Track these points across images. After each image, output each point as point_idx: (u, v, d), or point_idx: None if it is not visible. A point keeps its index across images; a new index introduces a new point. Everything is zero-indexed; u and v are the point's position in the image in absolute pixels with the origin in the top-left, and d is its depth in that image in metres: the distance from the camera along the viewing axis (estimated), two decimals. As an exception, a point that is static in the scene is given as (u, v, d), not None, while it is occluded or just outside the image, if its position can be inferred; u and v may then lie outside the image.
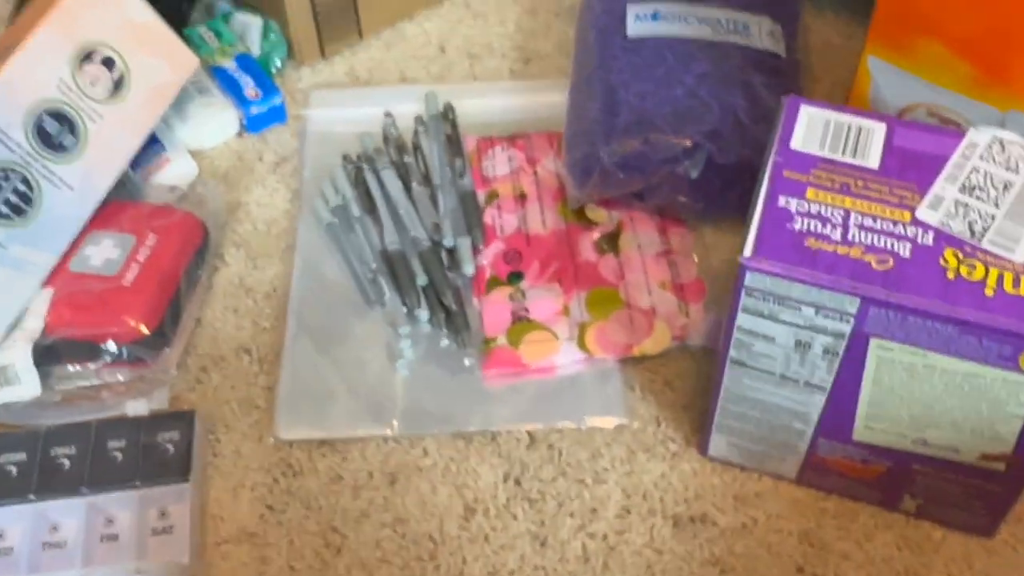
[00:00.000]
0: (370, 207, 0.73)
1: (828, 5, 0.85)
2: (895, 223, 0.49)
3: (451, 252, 0.70)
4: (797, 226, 0.49)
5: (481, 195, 0.73)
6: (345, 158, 0.76)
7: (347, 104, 0.80)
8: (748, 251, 0.48)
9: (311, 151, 0.77)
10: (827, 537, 0.59)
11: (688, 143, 0.68)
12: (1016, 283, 0.47)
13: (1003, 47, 0.51)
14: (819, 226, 0.49)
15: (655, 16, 0.74)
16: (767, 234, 0.49)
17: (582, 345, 0.66)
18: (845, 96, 0.79)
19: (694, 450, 0.62)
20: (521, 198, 0.73)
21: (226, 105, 0.78)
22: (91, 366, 0.64)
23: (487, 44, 0.85)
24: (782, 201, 0.50)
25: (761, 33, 0.74)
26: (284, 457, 0.63)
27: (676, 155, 0.68)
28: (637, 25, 0.74)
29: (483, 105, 0.79)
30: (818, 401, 0.54)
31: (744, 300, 0.50)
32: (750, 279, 0.49)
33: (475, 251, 0.70)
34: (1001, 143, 0.51)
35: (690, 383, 0.65)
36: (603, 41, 0.73)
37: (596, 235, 0.71)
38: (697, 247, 0.71)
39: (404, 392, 0.65)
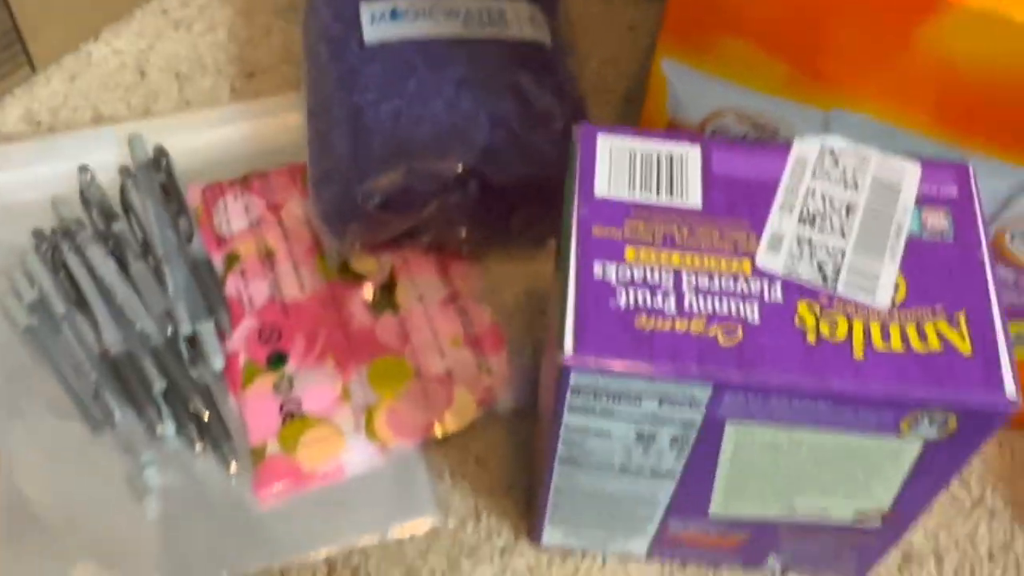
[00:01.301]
0: (78, 298, 0.58)
1: (583, -31, 0.75)
2: (735, 278, 0.40)
3: (191, 342, 0.56)
4: (622, 302, 0.39)
5: (218, 260, 0.59)
6: (37, 236, 0.60)
7: (30, 161, 0.64)
8: (568, 346, 0.38)
9: (-9, 231, 0.61)
10: (691, 618, 0.51)
11: (458, 167, 0.57)
12: (885, 335, 0.39)
13: (820, 42, 0.43)
14: (648, 298, 0.39)
15: (394, 14, 0.62)
16: (588, 319, 0.39)
17: (372, 435, 0.54)
18: (619, 75, 0.71)
19: (525, 541, 0.52)
20: (269, 257, 0.60)
21: None
22: None
23: (197, 60, 0.70)
24: (598, 270, 0.40)
25: (520, 20, 0.63)
26: (12, 660, 0.48)
27: (446, 183, 0.57)
28: (374, 28, 0.61)
29: (203, 140, 0.65)
30: (667, 487, 0.45)
31: (570, 400, 0.40)
32: (576, 380, 0.39)
33: (221, 336, 0.57)
34: (832, 154, 0.43)
35: (506, 456, 0.55)
36: (337, 53, 0.60)
37: (367, 291, 0.59)
38: (485, 285, 0.60)
39: (160, 537, 0.51)
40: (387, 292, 0.59)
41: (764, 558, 0.51)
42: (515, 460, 0.55)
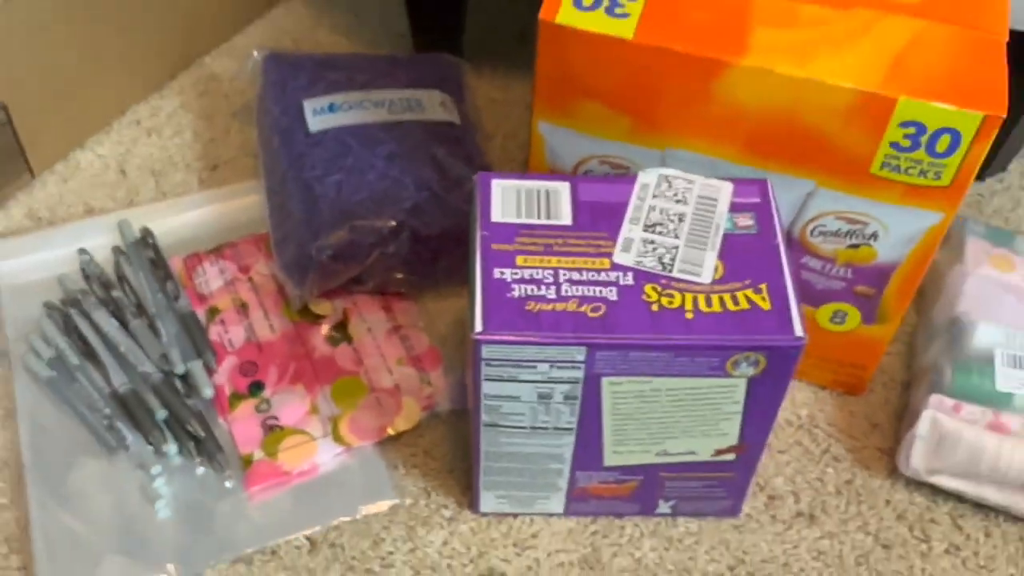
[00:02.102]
0: (88, 352, 0.70)
1: (485, 65, 0.91)
2: (598, 271, 0.54)
3: (185, 379, 0.69)
4: (516, 293, 0.53)
5: (201, 314, 0.73)
6: (48, 306, 0.73)
7: (36, 249, 0.77)
8: (478, 327, 0.52)
9: (9, 308, 0.73)
10: (603, 556, 0.64)
11: (392, 223, 0.71)
12: (708, 303, 0.53)
13: (651, 100, 0.58)
14: (535, 289, 0.54)
15: (331, 107, 0.77)
16: (491, 307, 0.53)
17: (338, 438, 0.67)
18: (518, 146, 0.86)
19: (467, 510, 0.65)
20: (243, 308, 0.73)
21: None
22: None
23: (168, 159, 0.84)
24: (497, 273, 0.54)
25: (434, 106, 0.78)
26: (59, 635, 0.60)
27: (383, 237, 0.71)
28: (316, 119, 0.76)
29: (180, 222, 0.79)
30: (568, 441, 0.58)
31: (485, 371, 0.54)
32: (486, 352, 0.53)
33: (209, 372, 0.70)
34: (668, 180, 0.58)
35: (447, 448, 0.68)
36: (287, 141, 0.75)
37: (325, 328, 0.72)
38: (423, 317, 0.74)
39: (172, 532, 0.63)
40: (342, 328, 0.73)
41: (655, 503, 0.64)
42: (455, 450, 0.68)
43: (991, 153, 0.83)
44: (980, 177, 0.85)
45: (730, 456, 0.60)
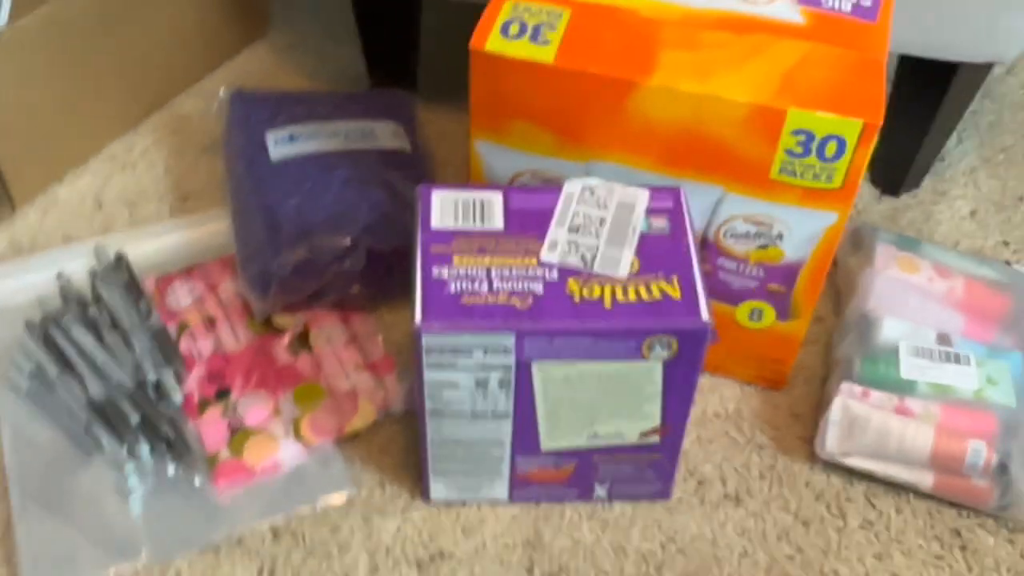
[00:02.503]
0: (66, 365, 0.76)
1: (437, 99, 0.98)
2: (526, 268, 0.61)
3: (157, 387, 0.75)
4: (452, 289, 0.59)
5: (172, 328, 0.78)
6: (28, 324, 0.78)
7: (16, 275, 0.82)
8: (418, 319, 0.58)
9: (-8, 327, 0.79)
10: (545, 539, 0.69)
11: (347, 241, 0.77)
12: (625, 294, 0.60)
13: (573, 117, 0.65)
14: (469, 285, 0.60)
15: (291, 138, 0.83)
16: (430, 301, 0.59)
17: (299, 437, 0.72)
18: (468, 175, 0.92)
19: (419, 499, 0.71)
20: (210, 322, 0.79)
21: None
22: None
23: (142, 191, 0.90)
24: (435, 272, 0.60)
25: (387, 135, 0.85)
26: (40, 620, 0.65)
27: (340, 253, 0.77)
28: (277, 149, 0.82)
29: (153, 247, 0.84)
30: (506, 427, 0.64)
31: (426, 359, 0.60)
32: (426, 341, 0.59)
33: (179, 380, 0.75)
34: (591, 189, 0.65)
35: (400, 444, 0.74)
36: (251, 169, 0.81)
37: (287, 340, 0.78)
38: (379, 328, 0.80)
39: (144, 525, 0.68)
40: (303, 339, 0.78)
41: (592, 488, 0.70)
42: (408, 446, 0.74)
43: (904, 170, 0.91)
44: (895, 193, 0.92)
45: (655, 438, 0.66)
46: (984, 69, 0.84)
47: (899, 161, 0.90)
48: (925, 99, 0.86)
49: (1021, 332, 0.76)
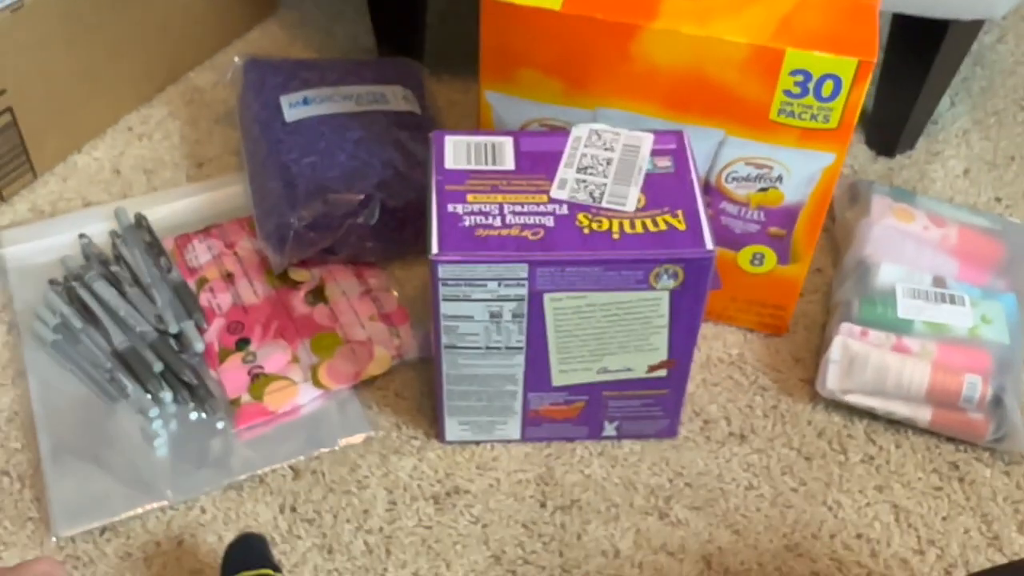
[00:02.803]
0: (90, 318, 0.78)
1: (444, 71, 1.01)
2: (537, 204, 0.63)
3: (178, 337, 0.77)
4: (466, 223, 0.62)
5: (191, 284, 0.81)
6: (52, 282, 0.81)
7: (40, 236, 0.85)
8: (435, 249, 0.61)
9: (17, 287, 0.81)
10: (557, 474, 0.71)
11: (361, 196, 0.80)
12: (632, 226, 0.62)
13: (580, 64, 0.68)
14: (483, 219, 0.62)
15: (305, 101, 0.86)
16: (445, 234, 0.61)
17: (317, 383, 0.75)
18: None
19: (435, 440, 0.73)
20: (229, 277, 0.81)
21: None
22: None
23: (159, 159, 0.93)
24: (450, 208, 0.63)
25: (397, 98, 0.88)
26: (71, 553, 0.67)
27: (354, 208, 0.80)
28: (292, 111, 0.85)
29: (171, 209, 0.87)
30: (519, 361, 0.67)
31: (442, 290, 0.62)
32: (442, 271, 0.61)
33: (200, 331, 0.77)
34: (597, 133, 0.67)
35: (416, 389, 0.76)
36: (267, 130, 0.84)
37: (303, 292, 0.81)
38: (392, 282, 0.82)
39: (169, 466, 0.71)
40: (319, 292, 0.81)
41: (601, 425, 0.72)
42: (423, 391, 0.76)
43: (899, 131, 0.93)
44: (890, 154, 0.95)
45: (662, 372, 0.68)
46: (974, 28, 0.86)
47: (893, 122, 0.93)
48: (917, 60, 0.88)
49: (1014, 276, 0.79)
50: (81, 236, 0.84)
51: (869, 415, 0.75)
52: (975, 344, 0.73)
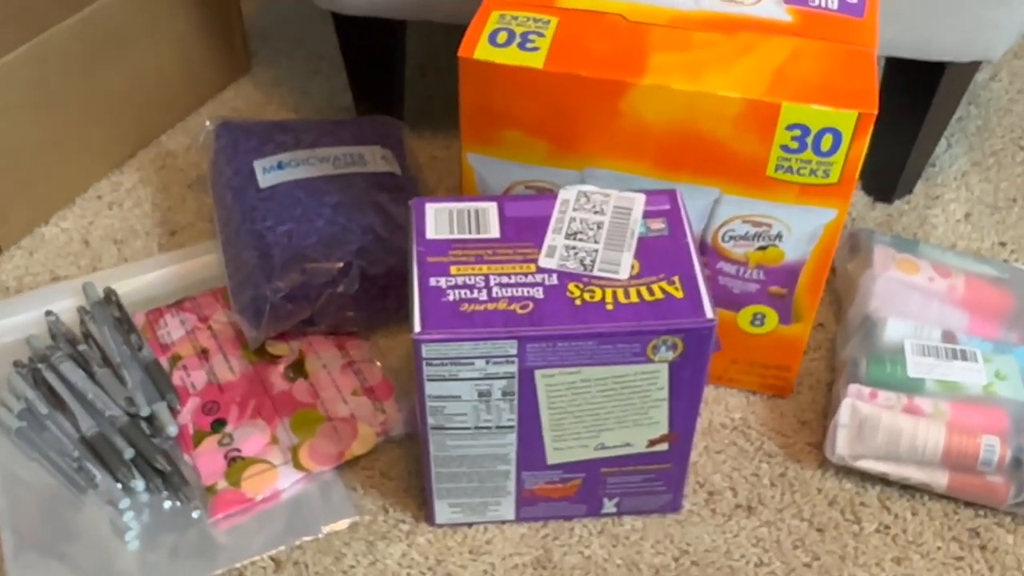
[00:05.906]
0: (57, 402, 0.74)
1: (425, 127, 0.97)
2: (525, 275, 0.60)
3: (150, 420, 0.73)
4: (451, 298, 0.58)
5: (164, 361, 0.77)
6: (17, 364, 0.76)
7: (5, 314, 0.81)
8: (417, 328, 0.57)
9: (-21, 368, 0.77)
10: (554, 557, 0.67)
11: (340, 265, 0.76)
12: (626, 295, 0.59)
13: (566, 124, 0.64)
14: (468, 293, 0.58)
15: (280, 165, 0.82)
16: (428, 311, 0.58)
17: (298, 465, 0.71)
18: (458, 193, 0.92)
19: (424, 523, 0.69)
20: (203, 354, 0.77)
21: None
22: None
23: (130, 228, 0.89)
24: (432, 282, 0.59)
25: (375, 159, 0.84)
26: (35, 662, 0.62)
27: (333, 277, 0.76)
28: (266, 176, 0.81)
29: (143, 281, 0.83)
30: (511, 440, 0.63)
31: (426, 370, 0.58)
32: (426, 351, 0.57)
33: (173, 413, 0.73)
34: (586, 194, 0.64)
35: (403, 468, 0.72)
36: (240, 198, 0.80)
37: (282, 367, 0.76)
38: (375, 353, 0.78)
39: (141, 561, 0.66)
40: (298, 366, 0.77)
41: (600, 502, 0.68)
42: (410, 470, 0.72)
43: (896, 176, 0.90)
44: (888, 199, 0.92)
45: (663, 446, 0.64)
46: (970, 70, 0.84)
47: (890, 167, 0.90)
48: (913, 103, 0.86)
49: (1026, 327, 0.75)
50: (48, 313, 0.80)
51: (882, 481, 0.71)
52: (990, 403, 0.70)
